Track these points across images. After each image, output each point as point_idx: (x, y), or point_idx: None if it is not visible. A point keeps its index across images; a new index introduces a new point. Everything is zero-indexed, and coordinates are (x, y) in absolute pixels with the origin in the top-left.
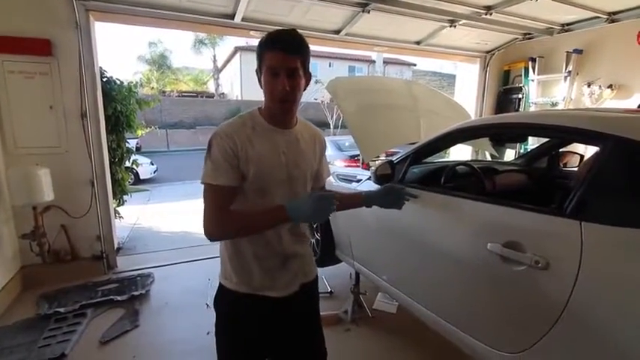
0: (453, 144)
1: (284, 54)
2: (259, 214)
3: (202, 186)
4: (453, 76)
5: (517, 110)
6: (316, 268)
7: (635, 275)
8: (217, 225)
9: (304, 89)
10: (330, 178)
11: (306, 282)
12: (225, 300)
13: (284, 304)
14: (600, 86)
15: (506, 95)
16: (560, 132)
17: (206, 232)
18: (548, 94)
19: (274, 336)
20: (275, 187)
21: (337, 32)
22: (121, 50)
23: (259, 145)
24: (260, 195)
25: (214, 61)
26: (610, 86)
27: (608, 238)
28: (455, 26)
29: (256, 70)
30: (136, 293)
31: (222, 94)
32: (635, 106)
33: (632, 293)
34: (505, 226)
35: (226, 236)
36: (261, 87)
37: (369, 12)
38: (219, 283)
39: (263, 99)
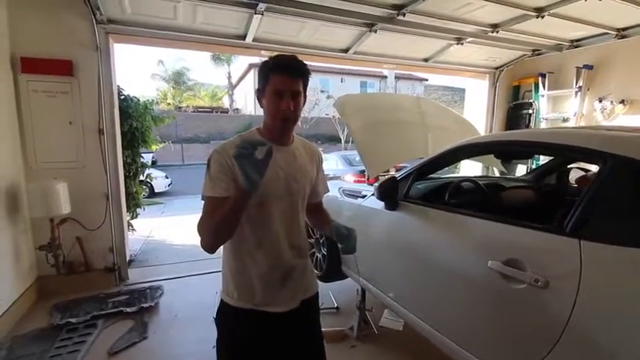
0: (457, 161)
1: (290, 78)
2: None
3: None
4: (465, 91)
5: (528, 126)
6: (317, 284)
7: (634, 294)
8: (206, 232)
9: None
10: (337, 194)
11: (306, 298)
12: (226, 316)
13: (285, 319)
14: (612, 102)
15: (516, 111)
16: (562, 150)
17: (201, 243)
18: (559, 109)
19: (275, 351)
20: (273, 200)
21: (346, 51)
22: (142, 67)
23: None
24: (257, 206)
25: (229, 77)
26: (622, 101)
27: (606, 256)
28: (462, 44)
29: (257, 90)
30: (145, 305)
31: (237, 109)
32: None
33: (632, 312)
34: (506, 243)
35: (214, 240)
36: (262, 106)
37: (376, 32)
38: (221, 300)
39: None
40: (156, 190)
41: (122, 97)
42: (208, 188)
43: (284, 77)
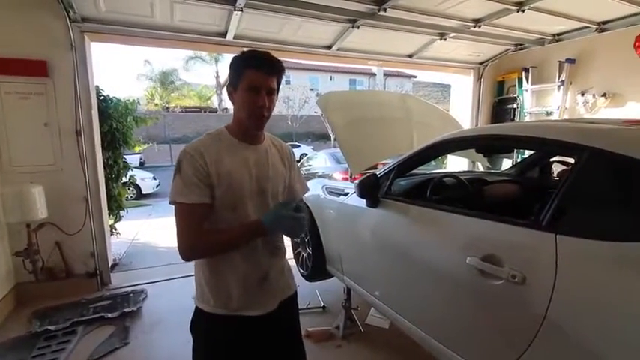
0: (436, 157)
1: (266, 74)
2: (234, 231)
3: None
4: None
5: (512, 120)
6: (295, 282)
7: (609, 288)
8: (192, 245)
9: None
10: (320, 192)
11: (284, 298)
12: (203, 324)
13: (263, 322)
14: (594, 95)
15: (501, 105)
16: (538, 144)
17: (181, 253)
18: (543, 103)
19: (255, 355)
20: (247, 202)
21: (329, 47)
22: (131, 68)
23: (229, 161)
24: (231, 210)
25: (217, 76)
26: (604, 95)
27: (582, 251)
28: (445, 39)
29: (228, 86)
30: (127, 310)
31: (225, 108)
32: (631, 116)
33: (607, 306)
34: (484, 239)
35: (201, 255)
36: (232, 102)
37: (358, 27)
38: (196, 307)
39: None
40: (143, 192)
41: (101, 97)
42: (182, 194)
43: (260, 73)
